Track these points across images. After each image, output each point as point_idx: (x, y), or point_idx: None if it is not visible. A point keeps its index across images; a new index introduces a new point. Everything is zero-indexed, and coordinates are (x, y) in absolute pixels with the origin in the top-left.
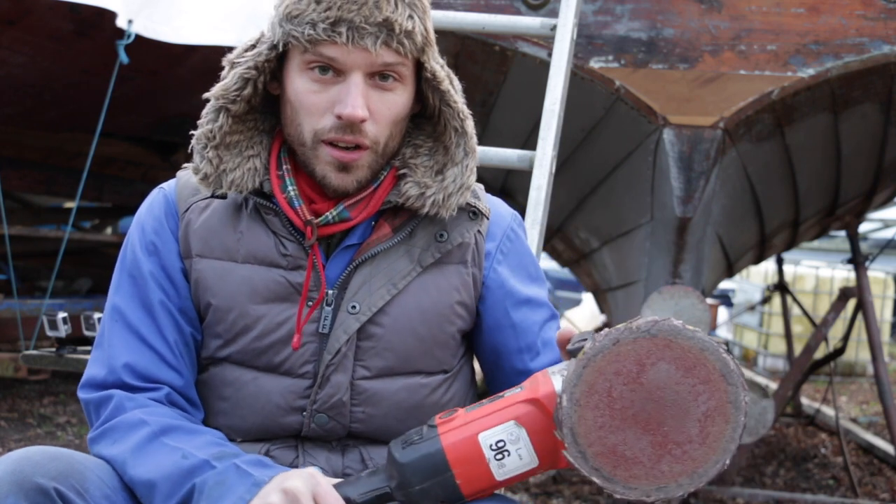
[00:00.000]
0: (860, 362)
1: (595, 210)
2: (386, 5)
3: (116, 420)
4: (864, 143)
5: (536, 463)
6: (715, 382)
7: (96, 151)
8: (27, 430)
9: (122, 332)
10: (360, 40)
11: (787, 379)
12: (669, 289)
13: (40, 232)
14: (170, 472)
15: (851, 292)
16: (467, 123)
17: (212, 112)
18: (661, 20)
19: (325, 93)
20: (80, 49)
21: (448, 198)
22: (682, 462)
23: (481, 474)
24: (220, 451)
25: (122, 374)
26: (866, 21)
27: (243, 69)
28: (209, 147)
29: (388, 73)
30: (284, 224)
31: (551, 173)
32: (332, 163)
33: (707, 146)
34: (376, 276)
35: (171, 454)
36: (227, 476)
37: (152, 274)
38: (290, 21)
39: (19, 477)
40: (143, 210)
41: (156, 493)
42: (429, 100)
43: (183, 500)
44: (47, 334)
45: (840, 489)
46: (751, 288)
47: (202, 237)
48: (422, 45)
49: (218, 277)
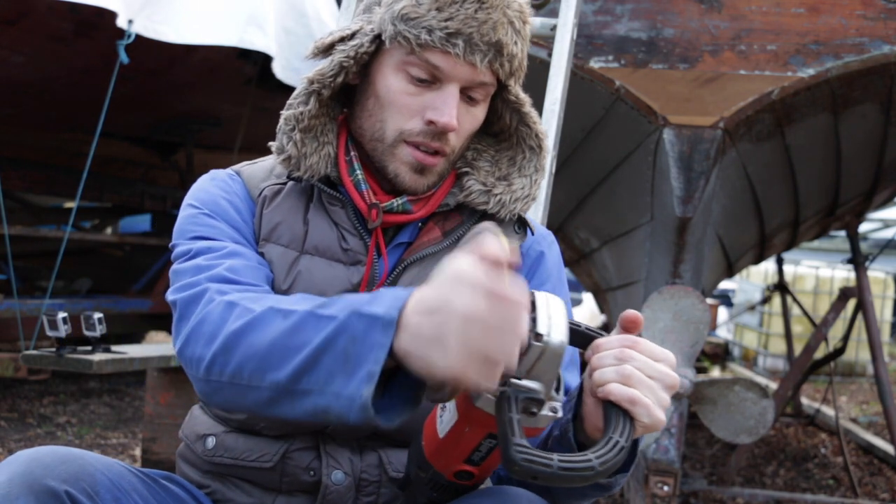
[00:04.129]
0: (860, 362)
1: (595, 210)
2: (501, 28)
3: (207, 310)
4: (864, 143)
5: (457, 416)
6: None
7: (96, 151)
8: (27, 430)
9: (211, 255)
10: (471, 55)
11: (787, 379)
12: (669, 289)
13: (40, 232)
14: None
15: (851, 292)
16: (544, 143)
17: (303, 95)
18: (661, 20)
19: (419, 96)
20: (80, 49)
21: (514, 201)
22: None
23: (432, 432)
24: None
25: (221, 271)
26: (866, 21)
27: (343, 57)
28: (297, 129)
29: (478, 90)
30: (349, 216)
31: (551, 173)
32: (411, 163)
33: (707, 146)
34: (424, 278)
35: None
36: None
37: (230, 236)
38: (404, 21)
39: (30, 479)
40: (206, 184)
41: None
42: (505, 119)
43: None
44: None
45: (840, 489)
46: (751, 288)
47: (273, 222)
48: (516, 69)
49: (282, 264)
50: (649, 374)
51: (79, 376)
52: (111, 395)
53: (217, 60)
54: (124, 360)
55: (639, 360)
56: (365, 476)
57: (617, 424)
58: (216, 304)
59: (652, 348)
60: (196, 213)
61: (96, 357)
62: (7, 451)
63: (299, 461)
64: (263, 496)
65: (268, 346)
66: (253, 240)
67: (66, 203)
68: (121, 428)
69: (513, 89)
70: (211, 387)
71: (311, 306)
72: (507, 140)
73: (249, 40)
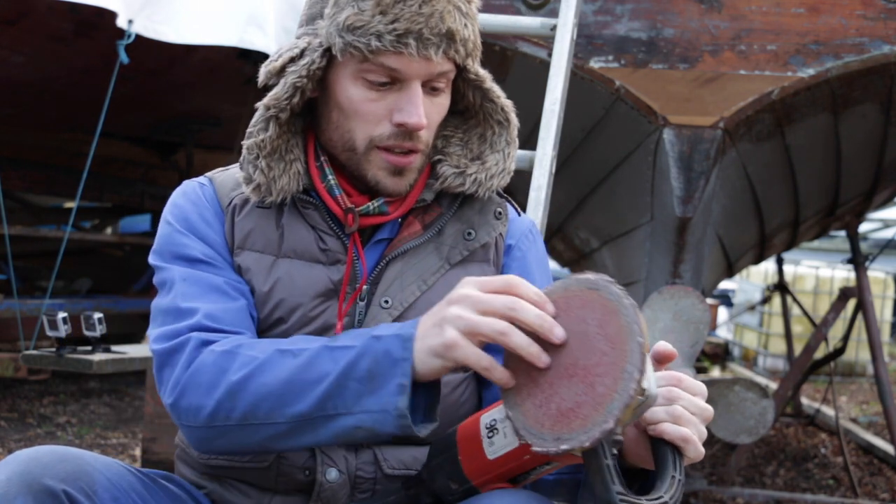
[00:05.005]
0: (860, 362)
1: (595, 210)
2: (449, 17)
3: (194, 367)
4: (864, 143)
5: (517, 443)
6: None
7: (96, 151)
8: (27, 430)
9: (190, 289)
10: (425, 51)
11: (787, 379)
12: (669, 289)
13: (40, 232)
14: (309, 363)
15: (851, 292)
16: (511, 115)
17: (261, 122)
18: (661, 20)
19: (382, 100)
20: (80, 49)
21: (490, 178)
22: (610, 373)
23: (476, 451)
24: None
25: (200, 319)
26: (866, 21)
27: (295, 78)
28: (261, 157)
29: (440, 79)
30: (324, 217)
31: (551, 173)
32: (387, 168)
33: (707, 146)
34: (407, 272)
35: (291, 357)
36: (373, 352)
37: (204, 253)
38: (351, 31)
39: (28, 478)
40: (178, 198)
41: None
42: (468, 97)
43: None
44: (47, 334)
45: (840, 489)
46: (751, 288)
47: (245, 230)
48: (471, 51)
49: (259, 270)
50: (693, 411)
51: (79, 376)
52: (111, 395)
53: (217, 60)
54: (124, 360)
55: (685, 399)
56: (360, 474)
57: (673, 461)
58: (207, 353)
59: (693, 384)
60: (170, 230)
61: (96, 357)
62: (7, 451)
63: (294, 460)
64: (260, 496)
65: (283, 384)
66: (226, 252)
67: (66, 203)
68: (121, 428)
69: (471, 68)
70: (214, 432)
71: (321, 343)
72: (473, 117)
73: (249, 40)
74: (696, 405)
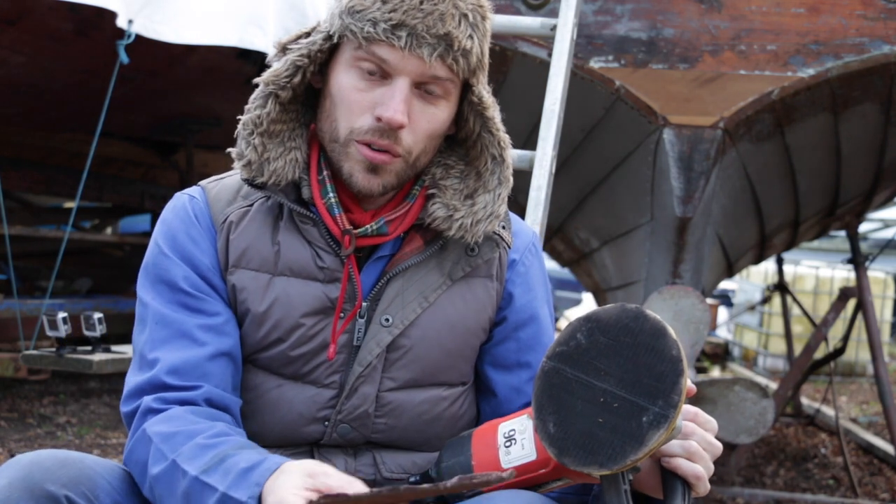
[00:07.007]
0: (860, 362)
1: (595, 210)
2: (450, 20)
3: (134, 439)
4: (864, 143)
5: (535, 456)
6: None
7: (96, 151)
8: (27, 430)
9: (159, 334)
10: (417, 48)
11: (787, 379)
12: (669, 289)
13: (40, 232)
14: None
15: (851, 292)
16: (506, 153)
17: (260, 98)
18: (661, 20)
19: (368, 92)
20: (80, 49)
21: (476, 224)
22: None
23: (491, 459)
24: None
25: (158, 374)
26: (866, 21)
27: (296, 56)
28: (255, 133)
29: (435, 85)
30: (322, 234)
31: (551, 173)
32: (361, 161)
33: (707, 146)
34: (409, 290)
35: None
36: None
37: (187, 279)
38: (350, 15)
39: (30, 483)
40: (168, 214)
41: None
42: (469, 123)
43: None
44: (47, 334)
45: (840, 489)
46: (751, 288)
47: (240, 248)
48: (475, 66)
49: (255, 289)
50: (705, 447)
51: (79, 376)
52: (111, 395)
53: (217, 60)
54: (124, 360)
55: (699, 435)
56: (360, 476)
57: (682, 495)
58: (146, 428)
59: (706, 419)
60: (157, 252)
61: (96, 357)
62: (7, 451)
63: None
64: None
65: (177, 499)
66: (215, 273)
67: (66, 203)
68: (121, 428)
69: (476, 89)
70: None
71: (199, 469)
72: (473, 148)
73: (249, 40)
74: (709, 442)
